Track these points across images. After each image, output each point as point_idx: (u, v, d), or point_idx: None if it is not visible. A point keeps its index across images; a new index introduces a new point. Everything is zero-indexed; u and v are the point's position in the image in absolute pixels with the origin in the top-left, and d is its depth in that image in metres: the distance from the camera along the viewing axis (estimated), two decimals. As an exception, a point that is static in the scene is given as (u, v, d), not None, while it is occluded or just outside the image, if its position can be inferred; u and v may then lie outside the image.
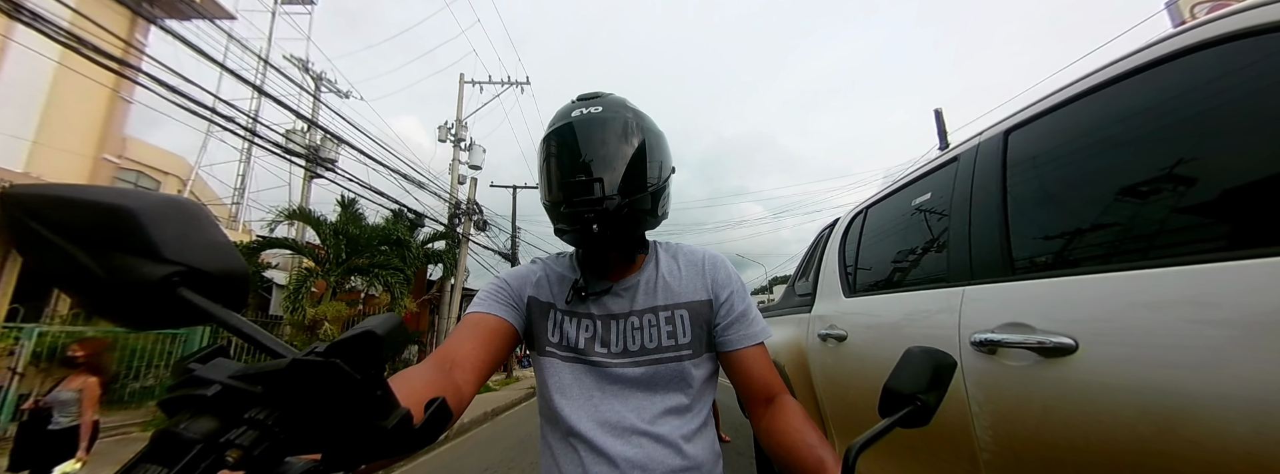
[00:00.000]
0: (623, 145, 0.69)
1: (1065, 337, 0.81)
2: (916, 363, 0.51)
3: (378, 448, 0.26)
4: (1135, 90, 0.87)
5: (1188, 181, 0.77)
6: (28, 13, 3.97)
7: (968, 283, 1.10)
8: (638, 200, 0.68)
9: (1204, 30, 0.76)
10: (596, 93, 0.76)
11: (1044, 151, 1.05)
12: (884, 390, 0.50)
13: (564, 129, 0.70)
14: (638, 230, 0.73)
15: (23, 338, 4.62)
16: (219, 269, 0.29)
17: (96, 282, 0.27)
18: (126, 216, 0.27)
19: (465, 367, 0.62)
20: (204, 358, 0.27)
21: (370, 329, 0.26)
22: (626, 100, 0.76)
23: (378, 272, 7.65)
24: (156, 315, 0.28)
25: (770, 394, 0.70)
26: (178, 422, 0.23)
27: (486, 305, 0.72)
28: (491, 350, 0.68)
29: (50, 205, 0.27)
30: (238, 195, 12.70)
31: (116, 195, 0.28)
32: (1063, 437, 0.81)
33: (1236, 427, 0.60)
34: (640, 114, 0.74)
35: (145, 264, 0.27)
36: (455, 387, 0.56)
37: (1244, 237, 0.68)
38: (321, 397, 0.24)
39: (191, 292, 0.28)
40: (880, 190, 1.88)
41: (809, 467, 0.55)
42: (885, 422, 0.48)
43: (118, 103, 7.64)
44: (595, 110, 0.71)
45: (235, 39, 6.82)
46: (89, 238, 0.27)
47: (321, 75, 11.27)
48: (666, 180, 0.74)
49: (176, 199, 0.30)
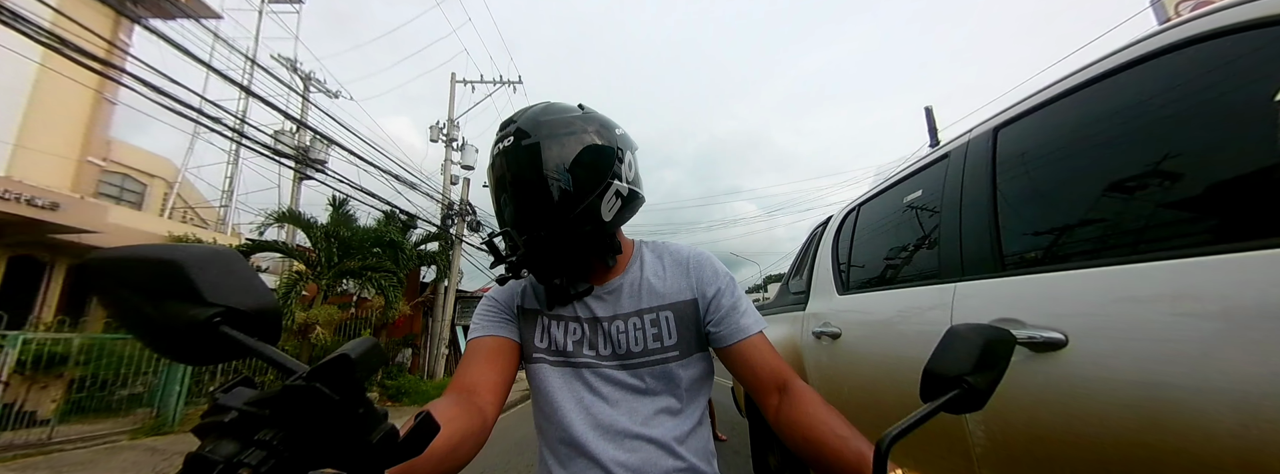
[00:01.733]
0: (539, 176, 0.65)
1: (1055, 331, 0.82)
2: (961, 341, 0.45)
3: (374, 461, 0.29)
4: (1121, 87, 0.88)
5: (1174, 177, 0.78)
6: (7, 12, 3.89)
7: (959, 279, 1.11)
8: (572, 222, 0.66)
9: (1189, 27, 0.77)
10: (512, 117, 0.71)
11: (1032, 148, 1.06)
12: (924, 373, 0.45)
13: (490, 170, 0.71)
14: (586, 246, 0.70)
15: (6, 345, 4.52)
16: (254, 308, 0.34)
17: (155, 325, 0.32)
18: (175, 267, 0.32)
19: (482, 391, 0.64)
20: (228, 388, 0.30)
21: (345, 353, 0.28)
22: (547, 108, 0.71)
23: (370, 274, 7.58)
24: (205, 351, 0.32)
25: (780, 382, 0.67)
26: (205, 446, 0.26)
27: (483, 329, 0.74)
28: (501, 369, 0.69)
29: (118, 265, 0.33)
30: (226, 198, 12.52)
31: (167, 251, 0.33)
32: (1054, 430, 0.82)
33: (1223, 420, 0.61)
34: (562, 122, 0.69)
35: (192, 308, 0.32)
36: (478, 409, 0.59)
37: (1229, 231, 0.70)
38: (312, 417, 0.27)
39: (232, 328, 0.32)
40: (872, 188, 1.89)
41: (847, 460, 0.52)
42: (926, 407, 0.42)
43: (102, 104, 7.52)
44: (506, 143, 0.67)
45: (221, 39, 6.73)
46: (148, 289, 0.32)
47: (310, 75, 11.14)
48: (607, 184, 0.68)
49: (216, 249, 0.36)
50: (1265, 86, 0.66)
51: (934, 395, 0.43)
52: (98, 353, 5.00)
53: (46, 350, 4.75)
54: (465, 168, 11.27)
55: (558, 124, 0.69)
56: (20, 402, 4.58)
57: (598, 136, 0.69)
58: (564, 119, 0.70)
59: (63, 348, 4.88)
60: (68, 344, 4.91)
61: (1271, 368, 0.57)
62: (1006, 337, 0.46)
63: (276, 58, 10.64)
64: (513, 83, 12.56)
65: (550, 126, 0.68)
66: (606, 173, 0.69)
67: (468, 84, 12.20)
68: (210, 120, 5.46)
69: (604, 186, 0.68)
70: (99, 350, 5.01)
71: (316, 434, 0.27)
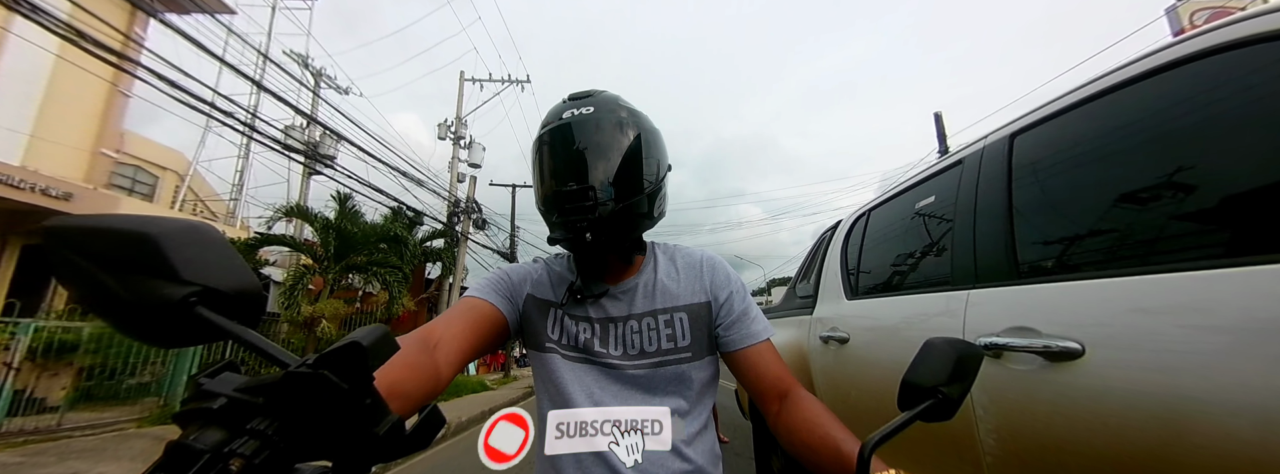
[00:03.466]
0: (616, 147, 0.67)
1: (1072, 341, 0.81)
2: (938, 354, 0.48)
3: (373, 453, 0.27)
4: (1139, 96, 0.87)
5: (1191, 188, 0.78)
6: (27, 4, 3.94)
7: (972, 286, 1.11)
8: (633, 204, 0.67)
9: (1206, 38, 0.76)
10: (588, 91, 0.74)
11: (1050, 155, 1.06)
12: (903, 384, 0.48)
13: (556, 131, 0.69)
14: (634, 233, 0.72)
15: (18, 333, 4.58)
16: (233, 288, 0.31)
17: (122, 303, 0.29)
18: (147, 242, 0.29)
19: (448, 347, 0.59)
20: (213, 372, 0.28)
21: (356, 340, 0.27)
22: (619, 97, 0.74)
23: (376, 269, 7.62)
24: (178, 333, 0.29)
25: (782, 390, 0.68)
26: (188, 433, 0.24)
27: (483, 292, 0.71)
28: (478, 336, 0.66)
29: (82, 235, 0.29)
30: (236, 191, 12.64)
31: (138, 222, 0.30)
32: (1068, 440, 0.82)
33: (1241, 432, 0.60)
34: (635, 112, 0.72)
35: (166, 286, 0.28)
36: (434, 365, 0.54)
37: (1246, 243, 0.69)
38: (315, 406, 0.25)
39: (209, 310, 0.29)
40: (883, 193, 1.88)
41: (844, 465, 0.53)
42: (904, 416, 0.45)
43: (116, 97, 7.61)
44: (587, 111, 0.69)
45: (235, 33, 6.80)
46: (115, 263, 0.29)
47: (321, 71, 11.23)
48: (662, 180, 0.72)
49: (193, 223, 0.32)
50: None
51: (911, 404, 0.47)
52: (107, 341, 5.05)
53: (57, 338, 4.81)
54: (472, 166, 11.32)
55: (637, 112, 0.73)
56: (31, 389, 4.64)
57: (659, 136, 0.74)
58: (638, 110, 0.74)
59: (73, 336, 4.93)
60: (78, 332, 4.96)
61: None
62: (977, 351, 0.50)
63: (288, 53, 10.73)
64: (521, 81, 12.61)
65: (629, 109, 0.72)
66: (664, 168, 0.74)
67: (476, 82, 12.26)
68: (222, 114, 5.51)
69: (662, 180, 0.73)
70: (109, 339, 5.06)
71: (316, 424, 0.26)
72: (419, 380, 0.50)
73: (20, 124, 6.57)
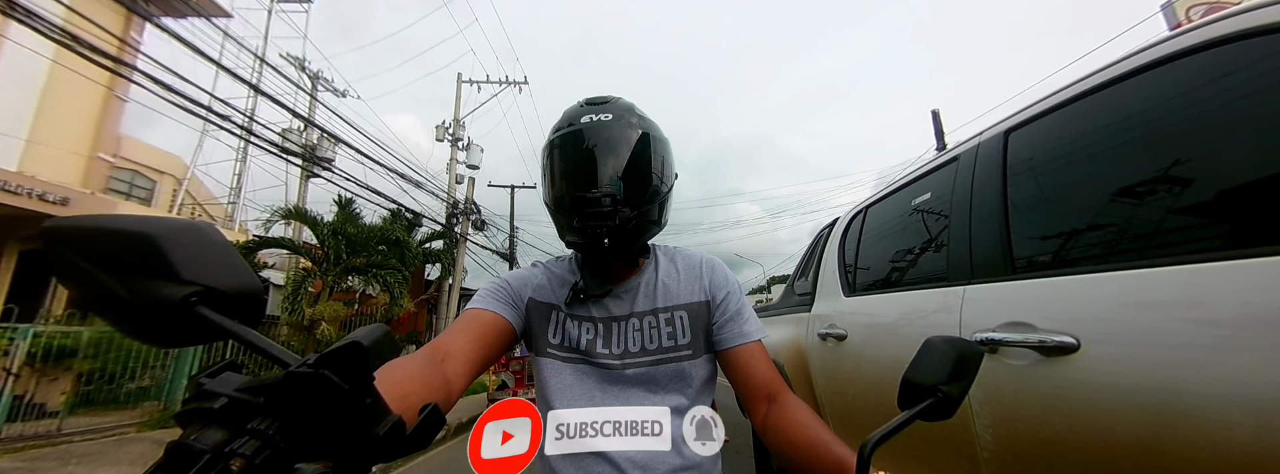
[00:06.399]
0: (633, 156, 0.69)
1: (1067, 336, 0.81)
2: (937, 352, 0.48)
3: (374, 453, 0.27)
4: (1134, 91, 0.87)
5: (1187, 182, 0.78)
6: (22, 9, 3.94)
7: (968, 282, 1.11)
8: (646, 211, 0.70)
9: (1201, 32, 0.76)
10: (605, 97, 0.75)
11: (1045, 151, 1.06)
12: (903, 382, 0.48)
13: (574, 135, 0.70)
14: (644, 239, 0.74)
15: (17, 338, 4.57)
16: (234, 287, 0.31)
17: (123, 303, 0.29)
18: (147, 242, 0.29)
19: (457, 360, 0.61)
20: (214, 372, 0.28)
21: (357, 340, 0.27)
22: (634, 105, 0.76)
23: (375, 271, 7.62)
24: (179, 333, 0.29)
25: (770, 391, 0.69)
26: (189, 434, 0.24)
27: (486, 302, 0.72)
28: (486, 346, 0.67)
29: (82, 235, 0.29)
30: (234, 195, 12.62)
31: (138, 222, 0.30)
32: (1064, 435, 0.82)
33: (1236, 426, 0.60)
34: (648, 121, 0.74)
35: (166, 286, 0.28)
36: (444, 379, 0.55)
37: (1240, 236, 0.69)
38: (316, 406, 0.25)
39: (209, 310, 0.29)
40: (880, 190, 1.88)
41: (827, 464, 0.54)
42: (904, 414, 0.45)
43: (113, 101, 7.59)
44: (605, 117, 0.70)
45: (231, 37, 6.79)
46: (115, 263, 0.29)
47: (318, 74, 11.22)
48: (671, 188, 0.75)
49: (193, 223, 0.32)
50: (1277, 92, 0.66)
51: (911, 403, 0.46)
52: (106, 346, 5.05)
53: (56, 343, 4.80)
54: (471, 167, 11.31)
55: (651, 121, 0.75)
56: (30, 394, 4.63)
57: (670, 146, 0.76)
58: (651, 118, 0.76)
59: (72, 341, 4.93)
60: (77, 337, 4.96)
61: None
62: (977, 350, 0.49)
63: (285, 56, 10.72)
64: (518, 83, 12.60)
65: (643, 118, 0.74)
66: (672, 177, 0.75)
67: (474, 84, 12.25)
68: (219, 118, 5.51)
69: (669, 187, 0.74)
70: (108, 344, 5.06)
71: (316, 424, 0.26)
72: (430, 395, 0.50)
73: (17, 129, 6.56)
